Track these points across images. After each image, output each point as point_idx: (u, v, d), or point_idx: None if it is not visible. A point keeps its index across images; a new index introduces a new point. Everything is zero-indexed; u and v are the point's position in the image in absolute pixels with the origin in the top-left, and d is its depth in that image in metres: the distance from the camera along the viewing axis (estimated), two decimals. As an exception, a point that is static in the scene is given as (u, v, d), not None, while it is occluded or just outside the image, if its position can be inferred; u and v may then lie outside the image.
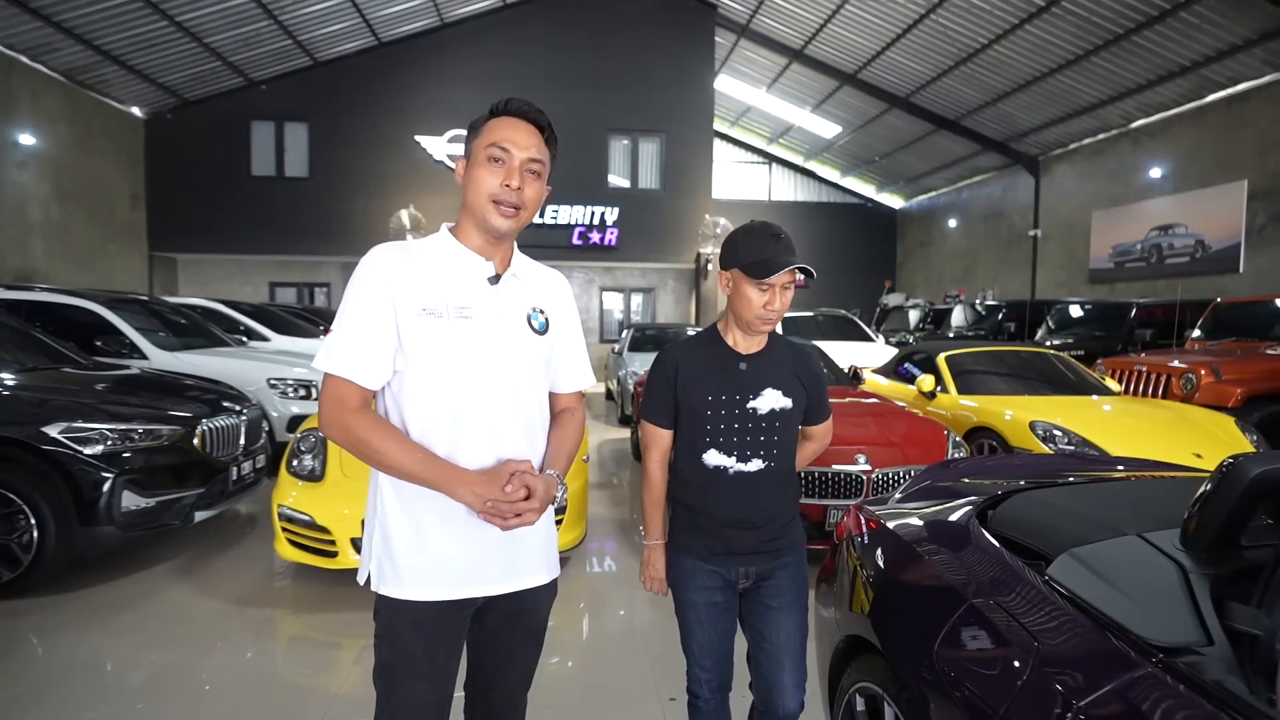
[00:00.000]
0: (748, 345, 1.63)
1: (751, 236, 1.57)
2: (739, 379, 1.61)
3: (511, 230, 1.28)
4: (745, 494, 1.61)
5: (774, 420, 1.61)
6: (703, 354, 1.65)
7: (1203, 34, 9.77)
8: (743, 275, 1.55)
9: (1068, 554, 1.28)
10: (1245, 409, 5.45)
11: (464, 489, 1.20)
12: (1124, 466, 2.45)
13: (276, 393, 5.70)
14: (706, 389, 1.60)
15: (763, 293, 1.54)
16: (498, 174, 1.25)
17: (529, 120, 1.29)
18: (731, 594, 1.66)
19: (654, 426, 1.68)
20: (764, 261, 1.52)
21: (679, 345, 1.69)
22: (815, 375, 1.71)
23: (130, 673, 2.68)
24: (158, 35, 11.31)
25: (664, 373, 1.65)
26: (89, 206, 12.19)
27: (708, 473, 1.61)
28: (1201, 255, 11.01)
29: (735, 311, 1.60)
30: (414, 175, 13.92)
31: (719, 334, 1.67)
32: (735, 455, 1.60)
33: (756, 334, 1.62)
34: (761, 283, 1.52)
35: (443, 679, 1.29)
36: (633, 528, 4.69)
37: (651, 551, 1.71)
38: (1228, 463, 1.17)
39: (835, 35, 13.92)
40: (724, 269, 1.60)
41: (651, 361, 1.76)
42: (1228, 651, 0.98)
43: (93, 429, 3.39)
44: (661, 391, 1.66)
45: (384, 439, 1.21)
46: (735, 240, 1.59)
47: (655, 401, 1.67)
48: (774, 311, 1.54)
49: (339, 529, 3.22)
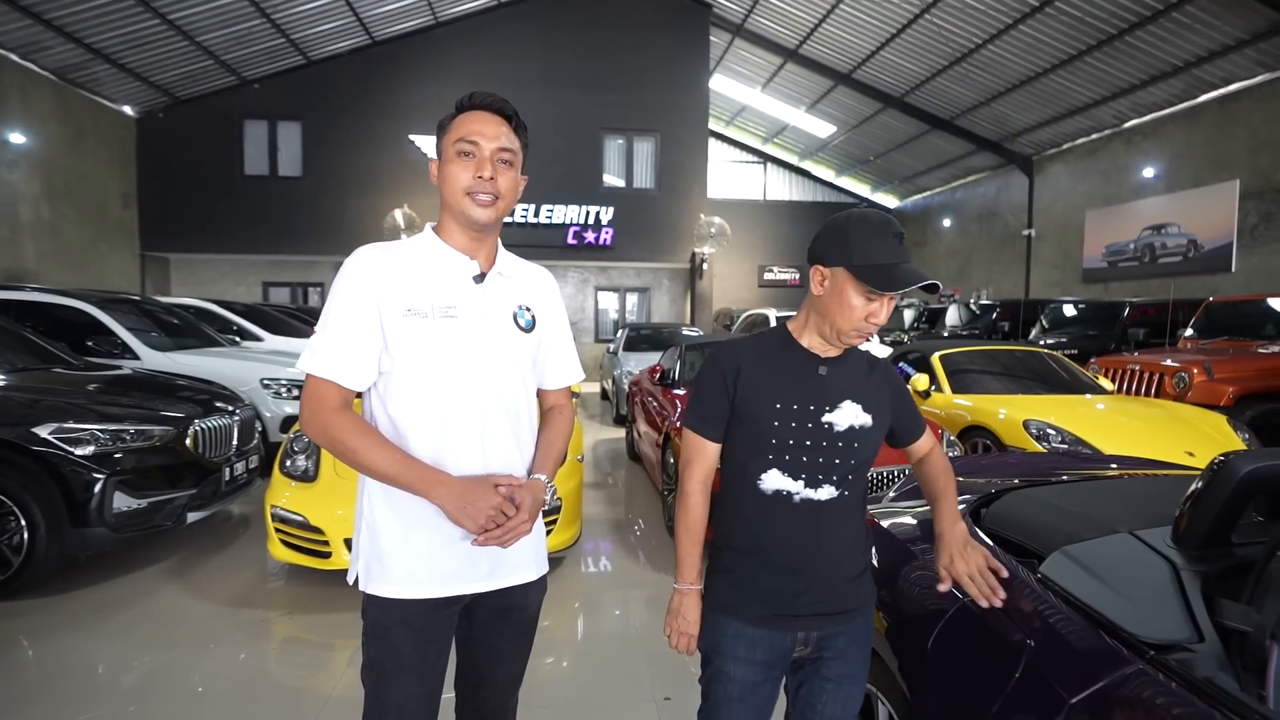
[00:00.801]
0: (825, 350, 1.34)
1: (870, 231, 1.26)
2: (816, 386, 1.32)
3: (492, 220, 1.28)
4: (812, 529, 1.29)
5: (852, 440, 1.31)
6: (771, 354, 1.35)
7: (1195, 34, 9.82)
8: (851, 278, 1.24)
9: (1060, 552, 1.29)
10: (1237, 408, 5.48)
11: (442, 491, 1.20)
12: (1117, 465, 2.46)
13: (270, 393, 5.68)
14: (774, 395, 1.30)
15: (870, 302, 1.25)
16: (469, 167, 1.25)
17: (494, 111, 1.29)
18: (781, 667, 1.34)
19: (699, 437, 1.37)
20: (887, 269, 1.23)
21: (739, 342, 1.39)
22: (899, 387, 1.44)
23: (122, 675, 2.67)
24: (149, 33, 11.24)
25: (719, 372, 1.34)
26: (80, 206, 12.11)
27: (765, 501, 1.30)
28: (1194, 255, 11.06)
29: (826, 315, 1.29)
30: (408, 174, 13.88)
31: (791, 335, 1.37)
32: (804, 478, 1.29)
33: (842, 345, 1.33)
34: (876, 292, 1.24)
35: (431, 676, 1.29)
36: (627, 527, 4.69)
37: (684, 599, 1.35)
38: (1219, 461, 1.18)
39: (830, 35, 13.94)
40: (823, 264, 1.28)
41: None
42: (1218, 648, 0.99)
43: (84, 430, 3.37)
44: (714, 394, 1.35)
45: (362, 440, 1.21)
46: (847, 232, 1.26)
47: (705, 407, 1.36)
48: (876, 324, 1.27)
49: (332, 530, 3.21)
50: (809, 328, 1.35)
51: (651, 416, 5.41)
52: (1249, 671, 0.94)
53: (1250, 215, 10.15)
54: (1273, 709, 0.88)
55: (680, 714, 2.45)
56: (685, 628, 1.35)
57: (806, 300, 1.36)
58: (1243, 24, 9.31)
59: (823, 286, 1.29)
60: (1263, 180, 9.94)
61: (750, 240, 19.26)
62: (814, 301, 1.33)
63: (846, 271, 1.25)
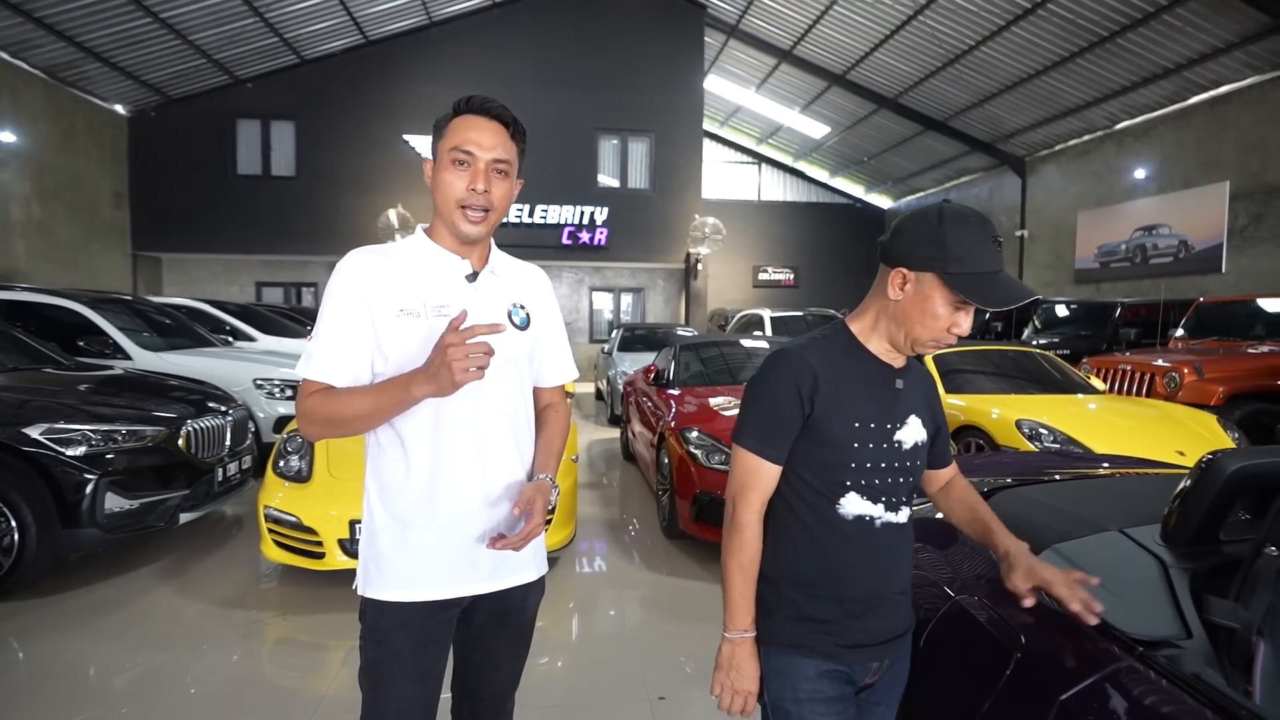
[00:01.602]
0: (893, 358, 1.22)
1: (969, 234, 1.10)
2: (892, 402, 1.21)
3: (482, 235, 1.28)
4: (892, 554, 1.21)
5: (915, 457, 1.23)
6: (845, 363, 1.20)
7: (1185, 37, 9.89)
8: (943, 286, 1.10)
9: (1051, 549, 1.30)
10: (1227, 407, 5.53)
11: (417, 377, 1.14)
12: (1109, 464, 2.47)
13: (263, 393, 5.66)
14: (854, 411, 1.17)
15: (956, 312, 1.12)
16: (463, 177, 1.24)
17: (493, 117, 1.27)
18: (853, 702, 1.22)
19: (758, 458, 1.18)
20: (988, 279, 1.10)
21: (806, 347, 1.21)
22: (940, 404, 1.32)
23: (114, 676, 2.65)
24: (141, 32, 11.18)
25: (793, 381, 1.16)
26: (71, 205, 12.04)
27: (847, 527, 1.17)
28: (1185, 255, 11.14)
29: (902, 323, 1.16)
30: (402, 174, 13.85)
31: (857, 339, 1.22)
32: (883, 501, 1.18)
33: (911, 354, 1.22)
34: (969, 303, 1.11)
35: (430, 679, 1.29)
36: (622, 528, 4.69)
37: (738, 649, 1.19)
38: (1207, 459, 1.19)
39: (824, 36, 13.98)
40: (908, 266, 1.13)
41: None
42: (1206, 644, 1.00)
43: (75, 430, 3.35)
44: (786, 408, 1.17)
45: (338, 400, 1.20)
46: (942, 234, 1.10)
47: (771, 423, 1.18)
48: (958, 335, 1.15)
49: (326, 530, 3.20)
50: (877, 332, 1.21)
51: (646, 417, 5.41)
52: (1236, 667, 0.95)
53: (1240, 216, 10.23)
54: (1259, 704, 0.89)
55: (675, 714, 2.45)
56: (743, 684, 1.17)
57: (875, 302, 1.21)
58: (1233, 26, 9.38)
59: (903, 291, 1.15)
60: (1252, 182, 10.02)
61: (745, 240, 19.29)
62: (888, 306, 1.18)
63: (937, 278, 1.11)
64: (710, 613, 3.33)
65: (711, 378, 5.77)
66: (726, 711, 1.19)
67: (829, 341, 1.23)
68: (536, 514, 1.25)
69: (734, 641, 1.19)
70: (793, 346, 1.22)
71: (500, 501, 1.31)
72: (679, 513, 4.06)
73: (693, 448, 4.02)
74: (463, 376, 1.10)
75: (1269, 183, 9.79)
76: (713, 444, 3.99)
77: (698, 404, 4.77)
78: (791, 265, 20.05)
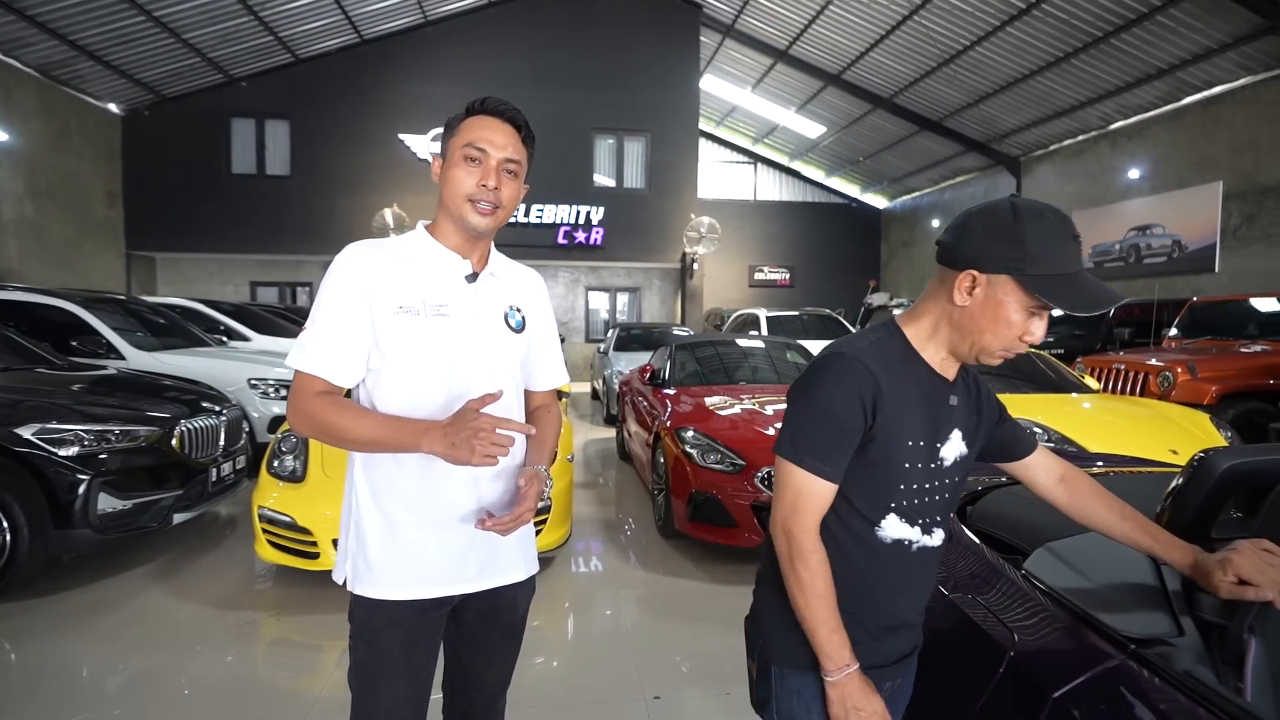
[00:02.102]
0: (946, 368, 1.12)
1: (1049, 232, 0.99)
2: (945, 419, 1.11)
3: (490, 228, 1.27)
4: (921, 578, 1.15)
5: (955, 474, 1.14)
6: (902, 374, 1.08)
7: (1178, 37, 9.93)
8: (1020, 289, 1.00)
9: (1044, 548, 1.30)
10: (1220, 406, 5.55)
11: (432, 433, 1.14)
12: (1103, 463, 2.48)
13: (257, 393, 5.64)
14: (908, 429, 1.07)
15: (1031, 318, 1.02)
16: (474, 174, 1.24)
17: (506, 119, 1.27)
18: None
19: (813, 477, 1.05)
20: (1070, 279, 0.99)
21: (865, 350, 1.07)
22: (996, 401, 1.23)
23: (107, 678, 2.64)
24: (134, 30, 11.13)
25: (855, 388, 1.04)
26: (64, 204, 11.97)
27: (884, 551, 1.11)
28: (1179, 255, 11.19)
29: (968, 331, 1.05)
30: (398, 174, 13.82)
31: (911, 346, 1.11)
32: (921, 524, 1.11)
33: (976, 364, 1.12)
34: (1047, 308, 1.01)
35: (420, 678, 1.28)
36: (618, 527, 4.69)
37: (850, 685, 1.04)
38: (1198, 457, 1.19)
39: (819, 36, 13.99)
40: (979, 268, 1.02)
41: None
42: (1198, 642, 1.00)
43: (68, 430, 3.33)
44: (848, 420, 1.04)
45: (342, 414, 1.19)
46: (1020, 231, 0.99)
47: (832, 434, 1.05)
48: (1030, 343, 1.04)
49: (320, 530, 3.19)
50: (936, 340, 1.10)
51: (642, 416, 5.41)
52: (1228, 665, 0.95)
53: (1233, 216, 10.28)
54: (1250, 702, 0.89)
55: (670, 713, 2.45)
56: (875, 716, 1.04)
57: (935, 307, 1.09)
58: (1226, 27, 9.42)
59: (971, 295, 1.03)
60: (1245, 182, 10.06)
61: (741, 240, 19.30)
62: (951, 312, 1.06)
63: (1015, 281, 1.00)
64: (706, 612, 3.33)
65: (707, 377, 5.78)
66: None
67: (884, 347, 1.09)
68: (529, 498, 1.25)
69: (839, 682, 1.04)
70: (850, 349, 1.08)
71: (492, 497, 1.31)
72: (675, 512, 4.06)
73: (688, 447, 4.02)
74: (480, 460, 1.11)
75: (1261, 183, 9.83)
76: (708, 443, 3.99)
77: (693, 403, 4.78)
78: (787, 265, 20.07)
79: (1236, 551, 0.99)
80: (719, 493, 3.76)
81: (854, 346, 1.08)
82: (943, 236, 1.08)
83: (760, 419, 4.33)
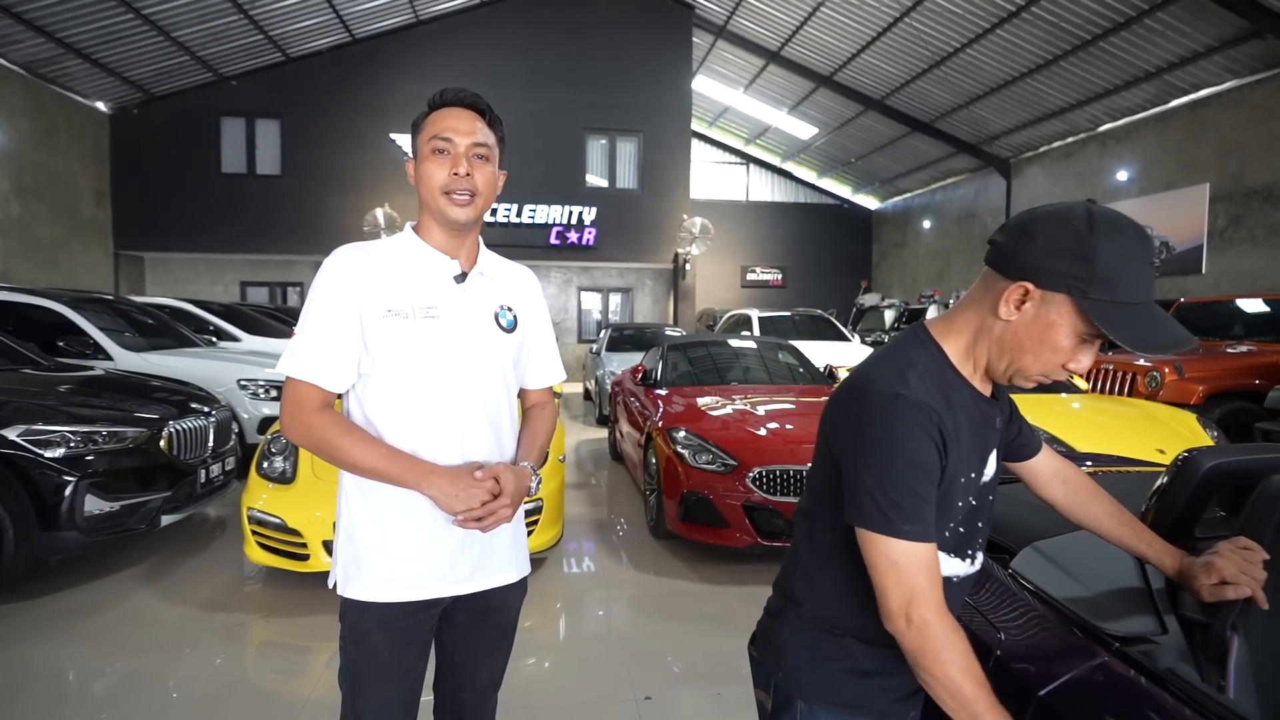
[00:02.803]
0: (984, 387, 1.01)
1: (1125, 248, 0.86)
2: (990, 444, 1.02)
3: (471, 219, 1.26)
4: (958, 608, 1.02)
5: (990, 493, 1.04)
6: (954, 404, 0.95)
7: (1166, 41, 10.02)
8: (1079, 314, 0.87)
9: (1031, 547, 1.31)
10: (1207, 406, 5.61)
11: (433, 479, 1.19)
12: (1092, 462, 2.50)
13: (247, 394, 5.60)
14: (963, 465, 0.96)
15: (1081, 344, 0.90)
16: (445, 165, 1.24)
17: (466, 106, 1.27)
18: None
19: (919, 546, 0.89)
20: (1138, 311, 0.86)
21: (916, 387, 0.92)
22: (1010, 401, 1.13)
23: (94, 681, 2.62)
24: (123, 28, 11.04)
25: (923, 430, 0.90)
26: (51, 203, 11.87)
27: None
28: (1167, 256, 11.28)
29: (1010, 350, 0.94)
30: (389, 173, 13.77)
31: (953, 366, 0.98)
32: (967, 555, 1.02)
33: (1008, 384, 1.01)
34: (1103, 337, 0.88)
35: (410, 679, 1.28)
36: (610, 527, 4.69)
37: None
38: (1183, 456, 1.21)
39: (811, 38, 14.04)
40: (1036, 282, 0.88)
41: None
42: (1181, 640, 1.01)
43: (54, 431, 3.30)
44: (931, 469, 0.91)
45: (345, 437, 1.20)
46: (1091, 245, 0.85)
47: (920, 488, 0.90)
48: (1074, 371, 0.93)
49: (311, 532, 3.18)
50: (974, 357, 0.97)
51: (634, 417, 5.41)
52: (1210, 662, 0.96)
53: (1220, 218, 10.39)
54: (1233, 699, 0.90)
55: (661, 713, 2.46)
56: None
57: (975, 318, 0.96)
58: (1212, 31, 9.52)
59: (1019, 310, 0.90)
60: (1231, 184, 10.17)
61: (733, 241, 19.34)
62: (993, 326, 0.94)
63: (1074, 304, 0.87)
64: (697, 612, 3.34)
65: (699, 378, 5.78)
66: None
67: (928, 373, 0.95)
68: (505, 494, 1.22)
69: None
70: (903, 387, 0.91)
71: None
72: (666, 512, 4.06)
73: (680, 447, 4.03)
74: (470, 525, 1.20)
75: (1247, 185, 9.94)
76: (700, 444, 4.00)
77: (685, 404, 4.78)
78: (779, 265, 20.13)
79: (1218, 555, 1.00)
80: (710, 493, 3.76)
81: (904, 381, 0.92)
82: (998, 236, 0.94)
83: (752, 419, 4.34)
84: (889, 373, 0.95)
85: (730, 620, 3.19)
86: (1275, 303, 6.91)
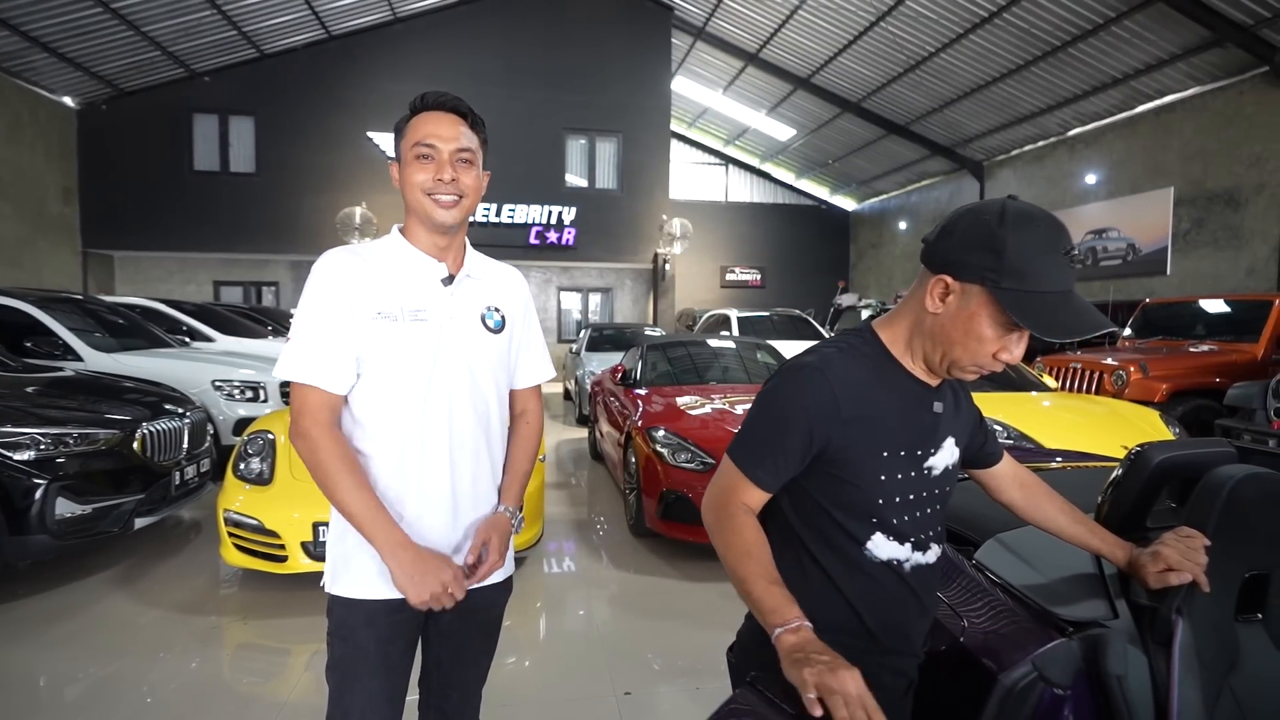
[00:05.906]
0: (930, 377, 1.06)
1: (1037, 243, 0.91)
2: (929, 427, 1.06)
3: (457, 221, 1.28)
4: (920, 599, 1.08)
5: (945, 484, 1.09)
6: (874, 382, 1.02)
7: (1132, 48, 10.29)
8: (993, 304, 0.92)
9: (994, 539, 1.36)
10: (1170, 403, 5.79)
11: (398, 554, 1.20)
12: (1060, 458, 2.58)
13: (222, 395, 5.53)
14: (883, 441, 1.01)
15: (1007, 334, 0.94)
16: (429, 170, 1.25)
17: (449, 110, 1.29)
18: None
19: (742, 476, 1.02)
20: (1052, 300, 0.91)
21: (832, 360, 1.02)
22: (974, 407, 1.19)
23: (66, 686, 2.58)
24: (91, 22, 10.80)
25: (802, 409, 0.99)
26: (16, 200, 11.58)
27: (875, 571, 1.04)
28: (1132, 258, 11.58)
29: (939, 342, 0.99)
30: (366, 172, 13.64)
31: (888, 351, 1.05)
32: (912, 541, 1.06)
33: (949, 378, 1.06)
34: (1024, 329, 0.93)
35: (396, 676, 1.30)
36: (590, 526, 4.71)
37: (803, 635, 0.86)
38: (1135, 451, 1.27)
39: (789, 40, 14.17)
40: (953, 274, 0.95)
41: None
42: (1130, 624, 1.07)
43: (22, 434, 3.25)
44: (791, 430, 0.99)
45: (342, 474, 1.20)
46: (1001, 239, 0.90)
47: (769, 442, 1.01)
48: (1007, 362, 0.98)
49: (289, 533, 3.16)
50: (911, 349, 1.04)
51: (614, 416, 5.44)
52: (1158, 644, 1.02)
53: (1183, 221, 10.69)
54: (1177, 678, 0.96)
55: (640, 709, 2.49)
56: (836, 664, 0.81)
57: (910, 312, 1.03)
58: (1176, 39, 9.79)
59: (943, 303, 0.96)
60: (1194, 188, 10.47)
61: (712, 241, 19.44)
62: (924, 319, 1.00)
63: (987, 293, 0.92)
64: (677, 609, 3.37)
65: (678, 377, 5.83)
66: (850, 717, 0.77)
67: (856, 354, 1.03)
68: (493, 552, 1.32)
69: (790, 631, 0.86)
70: (814, 360, 1.02)
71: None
72: (646, 511, 4.09)
73: (659, 446, 4.06)
74: (423, 603, 1.22)
75: (1210, 189, 10.24)
76: (679, 442, 4.04)
77: (664, 403, 4.82)
78: (758, 266, 20.27)
79: (1164, 544, 1.07)
80: (690, 491, 3.80)
81: (821, 355, 1.03)
82: (928, 234, 1.01)
83: (730, 418, 4.39)
84: (812, 352, 1.06)
85: (709, 616, 3.23)
86: (1236, 303, 7.13)
